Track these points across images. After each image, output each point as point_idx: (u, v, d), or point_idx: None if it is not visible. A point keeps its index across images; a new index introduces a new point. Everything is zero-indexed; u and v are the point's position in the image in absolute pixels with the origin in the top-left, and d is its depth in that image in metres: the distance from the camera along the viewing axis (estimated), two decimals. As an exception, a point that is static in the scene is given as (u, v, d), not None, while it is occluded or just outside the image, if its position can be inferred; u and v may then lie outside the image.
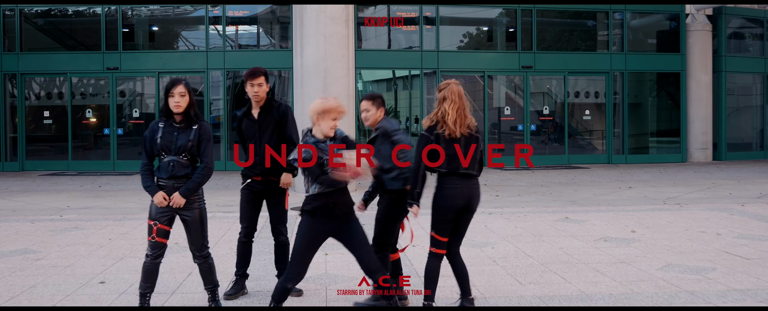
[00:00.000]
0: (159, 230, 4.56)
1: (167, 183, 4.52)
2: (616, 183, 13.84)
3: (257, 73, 5.26)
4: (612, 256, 6.63)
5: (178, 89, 4.51)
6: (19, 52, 18.13)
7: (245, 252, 5.42)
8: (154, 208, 4.57)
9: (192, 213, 4.59)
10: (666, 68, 20.12)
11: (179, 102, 4.51)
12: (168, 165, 4.51)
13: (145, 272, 4.62)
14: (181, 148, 4.51)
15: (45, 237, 7.90)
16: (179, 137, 4.53)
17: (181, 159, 4.52)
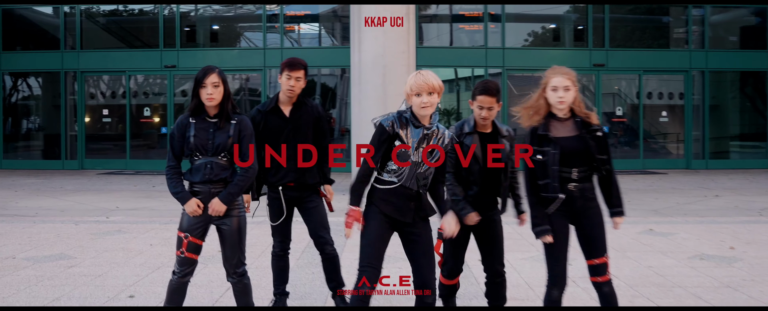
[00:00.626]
0: (190, 244, 3.91)
1: (203, 188, 3.88)
2: (699, 191, 12.71)
3: (298, 64, 4.52)
4: (713, 278, 5.70)
5: (211, 78, 3.83)
6: (80, 50, 18.02)
7: (282, 267, 4.73)
8: (186, 218, 3.93)
9: (230, 222, 3.93)
10: (750, 66, 18.68)
11: (212, 93, 3.83)
12: (204, 167, 3.86)
13: (170, 291, 3.99)
14: (220, 147, 3.87)
15: (84, 241, 7.41)
16: (217, 135, 3.87)
17: (219, 160, 3.88)
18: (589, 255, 3.87)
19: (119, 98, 18.29)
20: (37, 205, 10.63)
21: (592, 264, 3.86)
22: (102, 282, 5.56)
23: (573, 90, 3.77)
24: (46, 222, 8.71)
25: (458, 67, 18.33)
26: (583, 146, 3.75)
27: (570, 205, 3.77)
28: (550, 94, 3.76)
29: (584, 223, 3.84)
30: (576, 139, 3.77)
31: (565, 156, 3.73)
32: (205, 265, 6.17)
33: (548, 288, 3.85)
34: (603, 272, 3.85)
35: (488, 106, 4.10)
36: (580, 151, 3.74)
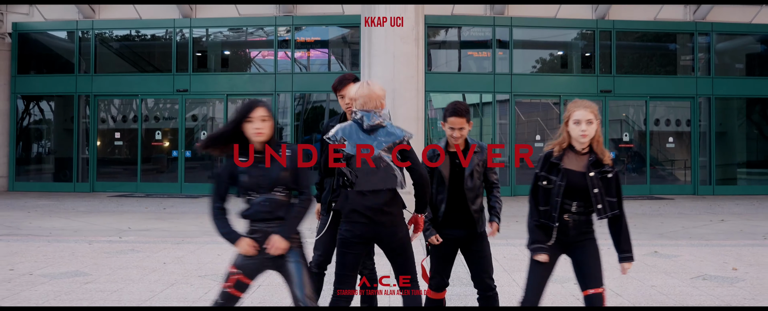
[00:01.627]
0: (238, 282, 3.72)
1: (260, 227, 3.71)
2: (706, 216, 12.80)
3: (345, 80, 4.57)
4: (714, 297, 5.81)
5: (259, 112, 3.69)
6: (93, 73, 18.35)
7: (317, 285, 4.58)
8: (241, 255, 3.74)
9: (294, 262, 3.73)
10: (757, 93, 18.83)
11: (261, 128, 3.69)
12: (261, 205, 3.69)
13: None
14: (276, 181, 3.71)
15: (99, 259, 7.57)
16: (270, 170, 3.72)
17: (277, 195, 3.71)
18: (584, 286, 3.88)
19: (131, 122, 18.56)
20: (51, 226, 10.81)
21: (587, 294, 3.86)
22: (118, 298, 5.71)
23: (595, 123, 3.83)
24: (61, 242, 8.88)
25: (467, 93, 18.52)
26: (584, 184, 3.80)
27: (563, 235, 3.84)
28: (572, 127, 3.82)
29: (577, 254, 3.90)
30: (584, 175, 3.81)
31: (569, 189, 3.80)
32: (218, 283, 6.31)
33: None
34: (598, 303, 3.83)
35: (459, 126, 4.25)
36: (584, 188, 3.79)
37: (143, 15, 18.19)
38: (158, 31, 18.74)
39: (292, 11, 17.91)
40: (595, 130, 3.82)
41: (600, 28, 18.09)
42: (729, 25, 18.54)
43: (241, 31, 18.93)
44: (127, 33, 19.00)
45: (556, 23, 18.13)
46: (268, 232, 3.68)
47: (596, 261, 3.88)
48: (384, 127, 3.93)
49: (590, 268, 3.86)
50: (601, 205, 3.80)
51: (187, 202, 15.20)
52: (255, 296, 5.77)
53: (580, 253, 3.88)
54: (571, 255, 3.91)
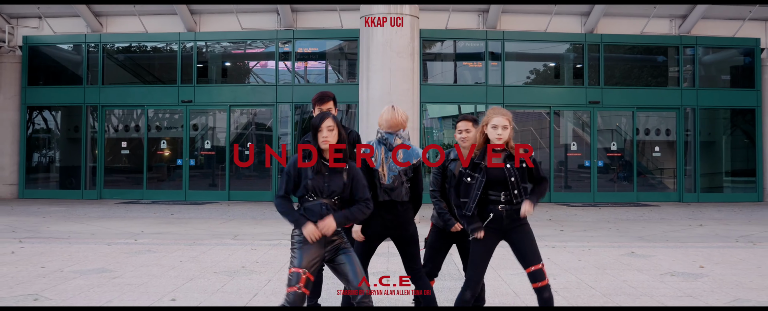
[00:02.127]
0: (308, 281, 4.14)
1: None
2: (686, 221, 13.52)
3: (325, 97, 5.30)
4: (678, 290, 6.51)
5: (326, 123, 4.22)
6: (101, 85, 19.05)
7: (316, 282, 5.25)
8: (302, 255, 4.16)
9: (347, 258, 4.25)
10: (740, 104, 19.61)
11: (327, 137, 4.20)
12: (319, 208, 4.20)
13: None
14: (335, 191, 4.22)
15: (120, 258, 8.25)
16: (332, 180, 4.23)
17: (332, 202, 4.24)
18: (525, 265, 4.50)
19: (136, 131, 19.25)
20: (68, 229, 11.48)
21: (529, 271, 4.48)
22: (145, 289, 6.39)
23: (510, 128, 4.51)
24: (81, 244, 9.55)
25: (461, 104, 19.27)
26: (504, 176, 4.45)
27: (498, 223, 4.48)
28: (490, 131, 4.49)
29: (514, 238, 4.51)
30: (501, 170, 4.47)
31: (491, 182, 4.46)
32: (232, 278, 7.00)
33: (462, 290, 4.52)
34: (541, 278, 4.45)
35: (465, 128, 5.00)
36: (503, 180, 4.44)
37: (149, 29, 18.91)
38: (163, 44, 19.46)
39: (293, 25, 18.64)
40: (509, 134, 4.50)
41: (588, 42, 18.85)
42: (713, 39, 19.33)
43: (243, 44, 19.66)
44: (134, 46, 19.72)
45: (546, 37, 18.89)
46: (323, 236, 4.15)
47: (531, 242, 4.52)
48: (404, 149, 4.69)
49: (527, 249, 4.49)
50: (517, 191, 4.45)
51: (193, 208, 15.87)
52: (267, 290, 6.46)
53: (517, 238, 4.51)
54: (508, 241, 4.55)
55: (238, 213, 14.75)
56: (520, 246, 4.50)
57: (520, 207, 4.45)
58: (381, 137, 4.72)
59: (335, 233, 4.21)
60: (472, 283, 4.49)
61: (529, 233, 4.54)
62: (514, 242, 4.52)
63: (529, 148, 4.58)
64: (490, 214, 4.47)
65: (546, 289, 4.46)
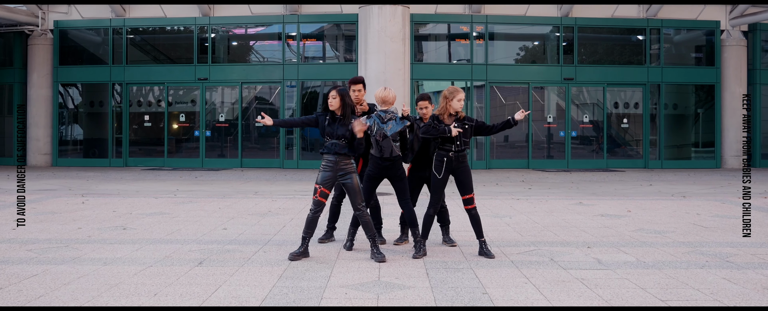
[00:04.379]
0: (322, 192, 6.30)
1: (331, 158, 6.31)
2: (640, 182, 15.70)
3: (358, 80, 7.24)
4: (600, 224, 8.69)
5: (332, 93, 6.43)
6: (125, 64, 21.12)
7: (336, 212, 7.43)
8: (322, 175, 6.35)
9: (350, 179, 6.33)
10: (702, 81, 21.76)
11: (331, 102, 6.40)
12: (333, 145, 6.31)
13: (308, 222, 6.32)
14: (341, 135, 6.31)
15: (171, 206, 10.41)
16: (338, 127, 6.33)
17: (341, 141, 6.31)
18: (462, 193, 6.65)
19: (158, 106, 21.35)
20: (114, 188, 13.63)
21: (464, 198, 6.63)
22: (201, 223, 8.56)
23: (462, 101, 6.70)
24: (132, 197, 11.71)
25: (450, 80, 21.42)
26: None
27: (450, 164, 6.62)
28: (453, 103, 6.63)
29: (458, 175, 6.65)
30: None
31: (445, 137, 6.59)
32: (264, 217, 9.18)
33: (427, 209, 6.70)
34: (471, 203, 6.61)
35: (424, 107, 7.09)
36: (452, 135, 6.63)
37: (168, 14, 20.93)
38: (181, 28, 21.49)
39: (298, 10, 20.67)
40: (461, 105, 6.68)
41: (564, 24, 20.93)
42: (678, 22, 21.44)
43: (252, 27, 21.71)
44: (154, 29, 21.76)
45: (526, 20, 20.99)
46: (337, 161, 6.27)
47: (469, 177, 6.68)
48: (393, 120, 6.76)
49: (465, 183, 6.64)
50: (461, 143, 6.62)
51: (212, 173, 18.03)
52: (292, 224, 8.64)
53: (460, 174, 6.66)
54: (454, 176, 6.69)
55: (253, 176, 16.92)
56: (461, 180, 6.67)
57: (463, 154, 6.65)
58: (377, 114, 6.80)
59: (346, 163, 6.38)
60: (433, 202, 6.68)
61: (468, 171, 6.72)
62: (458, 177, 6.68)
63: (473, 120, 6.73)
64: (444, 158, 6.61)
65: (473, 210, 6.65)
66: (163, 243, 7.14)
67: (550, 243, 7.24)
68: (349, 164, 6.42)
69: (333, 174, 6.37)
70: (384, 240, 7.27)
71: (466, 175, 6.67)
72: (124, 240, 7.31)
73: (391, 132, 6.73)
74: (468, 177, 6.68)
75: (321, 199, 6.35)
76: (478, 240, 6.63)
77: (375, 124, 6.71)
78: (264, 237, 7.58)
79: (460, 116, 6.66)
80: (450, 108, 6.62)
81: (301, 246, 6.37)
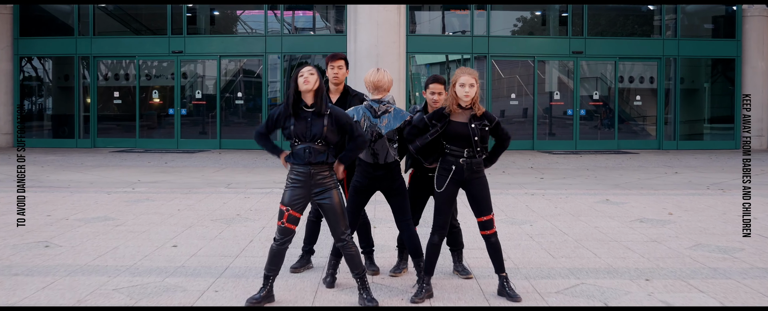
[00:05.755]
0: (290, 216, 4.56)
1: (303, 170, 4.56)
2: (662, 169, 14.06)
3: (338, 56, 5.57)
4: (644, 235, 7.02)
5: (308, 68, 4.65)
6: (92, 36, 19.19)
7: (314, 230, 5.68)
8: (289, 193, 4.59)
9: (330, 196, 4.59)
10: (721, 54, 20.00)
11: (309, 78, 4.57)
12: (303, 152, 4.55)
13: (271, 255, 4.63)
14: (317, 135, 4.54)
15: (121, 206, 8.68)
16: (313, 124, 4.55)
17: (316, 146, 4.55)
18: (477, 213, 4.87)
19: (129, 81, 19.48)
20: (67, 178, 11.88)
21: (480, 220, 4.86)
22: (148, 236, 6.84)
23: (476, 86, 4.85)
24: (82, 192, 9.97)
25: (447, 53, 19.60)
26: (467, 133, 4.81)
27: (459, 175, 4.85)
28: (458, 89, 4.82)
29: (471, 189, 4.85)
30: (465, 126, 4.83)
31: (454, 137, 4.81)
32: (229, 225, 7.46)
33: (431, 234, 4.93)
34: (489, 227, 4.88)
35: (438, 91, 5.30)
36: (466, 136, 4.80)
37: (138, -22, 18.97)
38: (152, -6, 19.55)
39: (282, -25, 18.77)
40: (476, 92, 4.84)
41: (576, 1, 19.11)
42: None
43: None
44: (123, -5, 19.82)
45: (533, -13, 19.14)
46: (310, 174, 4.52)
47: (486, 193, 4.91)
48: (389, 113, 5.00)
49: (481, 200, 4.89)
50: (479, 147, 4.85)
51: (185, 157, 16.27)
52: (262, 236, 6.92)
53: (473, 188, 4.89)
54: (466, 190, 4.93)
55: (230, 162, 15.17)
56: (475, 196, 4.90)
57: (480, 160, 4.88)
58: (367, 104, 5.05)
59: (324, 175, 4.60)
60: (438, 228, 4.91)
61: (485, 185, 4.94)
62: (471, 191, 4.91)
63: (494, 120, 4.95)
64: (452, 166, 4.86)
65: (493, 236, 4.92)
66: (85, 273, 5.42)
67: (594, 273, 5.55)
68: (329, 177, 4.67)
69: (305, 192, 4.62)
70: (377, 270, 5.55)
71: (482, 190, 4.92)
72: (36, 268, 5.58)
73: (387, 129, 4.99)
74: (484, 191, 4.93)
75: (289, 226, 4.59)
76: (498, 275, 4.95)
77: (365, 119, 4.98)
78: (222, 261, 5.87)
79: (476, 111, 4.91)
80: (456, 97, 4.87)
81: (263, 288, 4.63)
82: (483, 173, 4.94)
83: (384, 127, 4.96)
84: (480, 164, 4.88)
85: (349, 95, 5.60)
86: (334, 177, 4.69)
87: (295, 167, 4.61)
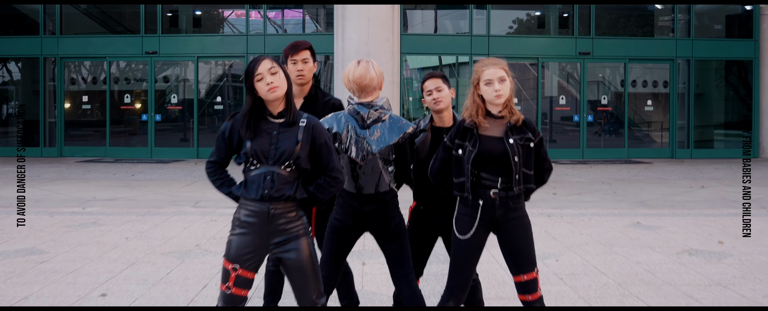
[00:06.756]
0: (238, 278, 3.10)
1: (259, 207, 3.07)
2: (685, 182, 12.65)
3: (300, 45, 4.07)
4: (703, 276, 5.58)
5: (265, 65, 3.06)
6: (60, 35, 17.66)
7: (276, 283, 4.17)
8: (235, 244, 3.11)
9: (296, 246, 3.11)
10: (736, 55, 18.63)
11: (273, 81, 3.05)
12: (263, 179, 3.06)
13: None
14: (285, 155, 3.07)
15: (58, 234, 7.18)
16: (281, 138, 3.10)
17: (283, 170, 3.08)
18: (514, 271, 3.45)
19: (99, 84, 17.95)
20: (10, 195, 10.32)
21: (518, 281, 3.44)
22: (74, 279, 5.35)
23: (508, 80, 3.39)
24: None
25: (442, 54, 18.14)
26: (504, 151, 3.34)
27: (489, 213, 3.39)
28: (484, 89, 3.39)
29: (506, 234, 3.42)
30: (500, 142, 3.36)
31: (485, 159, 3.36)
32: (182, 261, 5.98)
33: (444, 298, 3.51)
34: (532, 289, 3.42)
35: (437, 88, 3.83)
36: (502, 157, 3.34)
37: (108, -27, 17.46)
38: (125, -10, 18.04)
39: (265, -30, 17.30)
40: (510, 89, 3.39)
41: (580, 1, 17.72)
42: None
43: (211, -10, 18.29)
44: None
45: (536, -17, 17.72)
46: (269, 214, 3.05)
47: (527, 243, 3.42)
48: (383, 121, 3.55)
49: (520, 252, 3.40)
50: (518, 176, 3.35)
51: (157, 168, 14.77)
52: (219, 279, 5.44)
53: (509, 234, 3.42)
54: (499, 236, 3.46)
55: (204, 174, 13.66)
56: (512, 246, 3.42)
57: (519, 193, 3.41)
58: (352, 110, 3.59)
59: (288, 217, 3.12)
60: (457, 291, 3.46)
61: (527, 230, 3.46)
62: (506, 239, 3.43)
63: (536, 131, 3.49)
64: (479, 201, 3.39)
65: (538, 302, 3.46)
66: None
67: (659, 338, 4.10)
68: (296, 220, 3.16)
69: (260, 241, 3.13)
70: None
71: (522, 236, 3.43)
72: None
73: (380, 146, 3.54)
74: (525, 239, 3.44)
75: (238, 292, 3.11)
76: None
77: (348, 130, 3.53)
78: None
79: (512, 118, 3.44)
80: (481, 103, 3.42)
81: None
82: (523, 211, 3.47)
83: (375, 142, 3.51)
84: (519, 199, 3.42)
85: (318, 102, 4.08)
86: (303, 220, 3.20)
87: (247, 203, 3.13)
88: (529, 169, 3.40)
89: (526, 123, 3.45)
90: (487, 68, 3.37)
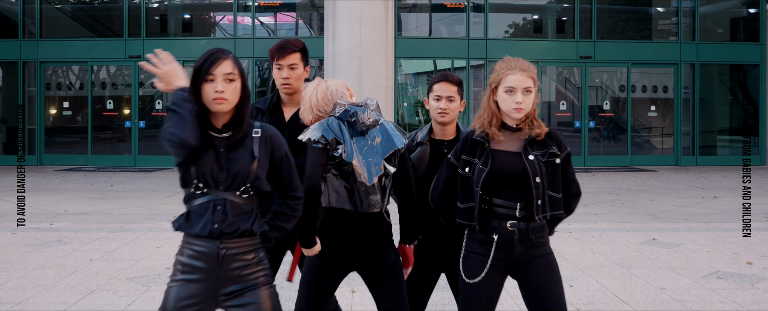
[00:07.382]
0: None
1: (208, 246, 2.42)
2: (695, 191, 12.00)
3: (288, 47, 3.37)
4: (737, 304, 4.91)
5: (223, 68, 2.40)
6: (39, 38, 16.95)
7: None
8: (174, 293, 2.42)
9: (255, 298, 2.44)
10: (743, 59, 18.00)
11: (223, 92, 2.40)
12: (212, 209, 2.42)
13: None
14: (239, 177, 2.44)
15: (16, 255, 6.47)
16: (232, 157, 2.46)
17: (237, 198, 2.45)
18: None
19: (81, 89, 17.23)
20: (-23, 209, 9.65)
21: None
22: (18, 313, 4.66)
23: (534, 92, 2.77)
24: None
25: (438, 59, 17.48)
26: (524, 171, 2.71)
27: (507, 251, 2.73)
28: (503, 98, 2.77)
29: (529, 279, 2.77)
30: (519, 159, 2.74)
31: (500, 181, 2.72)
32: (148, 288, 5.29)
33: None
34: None
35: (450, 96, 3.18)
36: (522, 177, 2.71)
37: (90, -26, 16.78)
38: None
39: (253, -30, 16.64)
40: (533, 102, 2.77)
41: (581, -8, 17.09)
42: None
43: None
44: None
45: (535, -15, 17.10)
46: (219, 255, 2.40)
47: (555, 286, 2.75)
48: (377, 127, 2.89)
49: (549, 296, 2.72)
50: (541, 201, 2.69)
51: (138, 177, 14.06)
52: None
53: (533, 276, 2.74)
54: (519, 279, 2.79)
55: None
56: (537, 293, 2.73)
57: (542, 224, 2.73)
58: (346, 112, 2.90)
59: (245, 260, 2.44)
60: None
61: (554, 272, 2.76)
62: (529, 285, 2.75)
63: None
64: (493, 236, 2.72)
65: None
66: None
67: None
68: (256, 264, 2.48)
69: (208, 292, 2.43)
70: None
71: (549, 280, 2.73)
72: None
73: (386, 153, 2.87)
74: (553, 284, 2.73)
75: None
76: None
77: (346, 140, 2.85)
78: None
79: (534, 131, 2.76)
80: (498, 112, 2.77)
81: None
82: (548, 247, 2.78)
83: (380, 152, 2.84)
84: (543, 231, 2.74)
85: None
86: (264, 263, 2.51)
87: (191, 242, 2.44)
88: (557, 192, 2.73)
89: (550, 134, 2.78)
90: (512, 73, 2.74)
